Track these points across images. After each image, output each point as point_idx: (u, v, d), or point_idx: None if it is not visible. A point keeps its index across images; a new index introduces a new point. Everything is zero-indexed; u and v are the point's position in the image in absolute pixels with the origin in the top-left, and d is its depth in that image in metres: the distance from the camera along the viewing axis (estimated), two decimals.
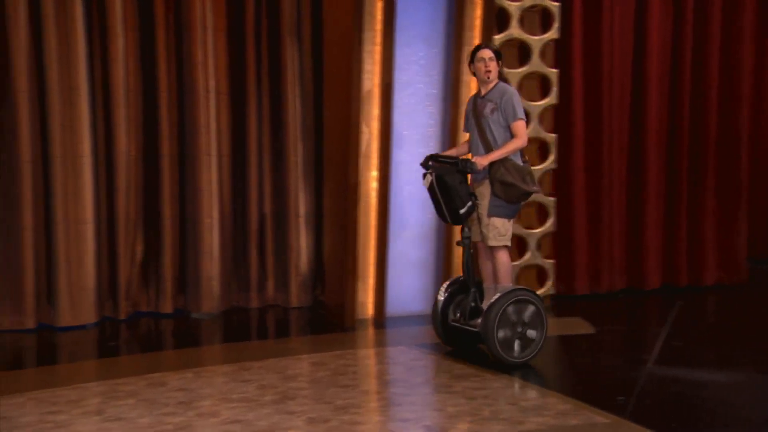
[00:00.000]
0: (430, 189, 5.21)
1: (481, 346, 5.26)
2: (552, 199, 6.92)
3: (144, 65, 6.44)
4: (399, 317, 6.38)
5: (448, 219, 5.26)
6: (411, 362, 5.37)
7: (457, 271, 6.17)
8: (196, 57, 6.39)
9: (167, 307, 6.60)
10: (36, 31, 5.97)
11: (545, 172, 6.86)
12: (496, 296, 5.03)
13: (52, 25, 5.95)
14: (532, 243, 6.86)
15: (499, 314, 4.96)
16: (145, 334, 6.30)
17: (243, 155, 6.83)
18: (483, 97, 5.26)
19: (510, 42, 6.69)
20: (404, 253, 6.42)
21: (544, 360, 5.26)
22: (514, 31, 6.65)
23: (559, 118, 7.08)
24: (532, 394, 4.63)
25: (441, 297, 5.41)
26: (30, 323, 6.10)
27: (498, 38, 6.55)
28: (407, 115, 6.36)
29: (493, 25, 6.45)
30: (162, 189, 6.55)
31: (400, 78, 6.25)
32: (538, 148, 6.88)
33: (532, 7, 6.73)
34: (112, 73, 6.22)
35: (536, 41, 6.72)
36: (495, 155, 5.08)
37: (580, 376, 5.20)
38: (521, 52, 6.81)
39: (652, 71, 7.33)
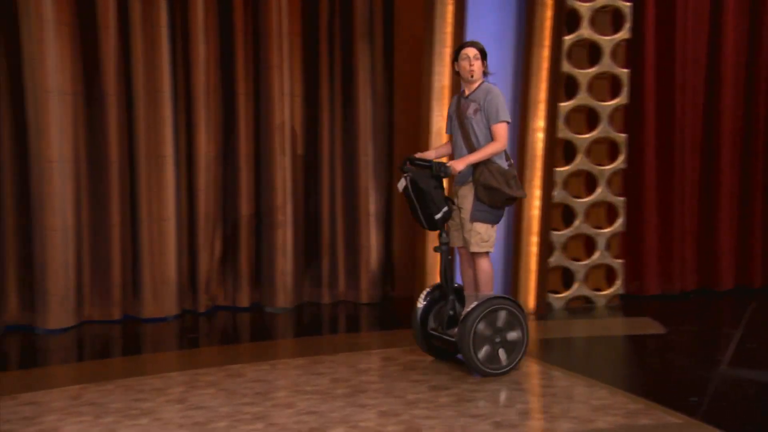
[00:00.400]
0: (405, 193, 4.90)
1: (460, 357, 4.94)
2: (621, 199, 6.78)
3: (223, 69, 6.58)
4: None
5: (424, 224, 4.94)
6: None
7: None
8: (272, 61, 6.51)
9: (244, 301, 6.74)
10: (124, 39, 6.16)
11: (615, 172, 6.73)
12: (471, 306, 4.75)
13: (138, 33, 6.14)
14: (601, 242, 6.74)
15: (475, 324, 4.69)
16: (222, 327, 6.43)
17: (315, 155, 6.91)
18: (467, 97, 4.94)
19: (580, 42, 6.58)
20: None
21: (613, 359, 5.16)
22: (585, 31, 6.54)
23: (629, 118, 6.94)
24: (602, 393, 4.56)
25: (420, 304, 5.09)
26: (117, 314, 6.30)
27: (568, 39, 6.45)
28: None
29: (564, 26, 6.37)
30: (239, 188, 6.69)
31: None
32: (607, 148, 6.76)
33: (604, 7, 6.60)
34: (194, 77, 6.37)
35: (607, 41, 6.59)
36: (471, 158, 4.78)
37: (651, 376, 5.09)
38: (592, 53, 6.69)
39: (727, 70, 7.13)
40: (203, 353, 5.66)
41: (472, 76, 4.87)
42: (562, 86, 6.53)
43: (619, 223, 6.77)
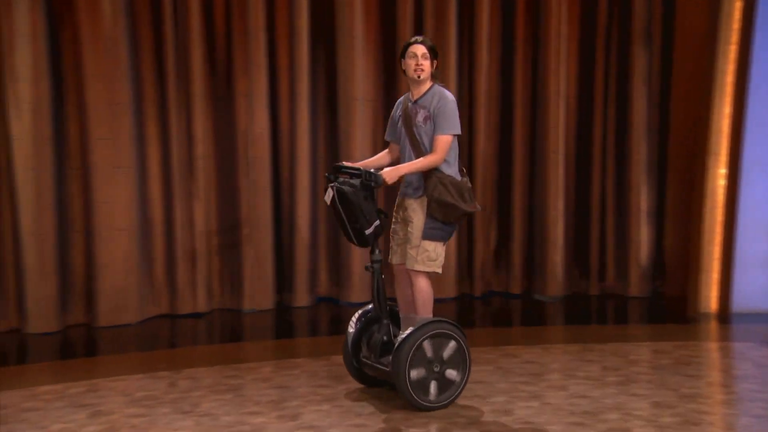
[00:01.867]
0: (332, 205, 4.02)
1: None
2: None
3: (503, 73, 6.67)
4: (745, 314, 5.85)
5: (354, 240, 4.08)
6: (761, 359, 4.88)
7: None
8: (549, 65, 6.47)
9: (515, 288, 6.79)
10: None
11: None
12: (409, 330, 3.90)
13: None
14: None
15: (412, 350, 3.86)
16: (496, 311, 6.53)
17: (587, 153, 6.77)
18: (415, 102, 4.08)
19: None
20: (752, 249, 5.86)
21: None
22: None
23: None
24: None
25: (351, 329, 4.24)
26: None
27: None
28: (760, 114, 5.77)
29: None
30: (513, 183, 6.74)
31: (755, 77, 5.71)
32: None
33: None
34: (476, 81, 6.53)
35: None
36: (403, 170, 3.97)
37: None
38: None
39: None
40: (479, 333, 5.77)
41: (419, 77, 4.02)
42: None
43: None
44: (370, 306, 4.24)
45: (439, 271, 4.10)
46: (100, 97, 5.65)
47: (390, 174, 3.92)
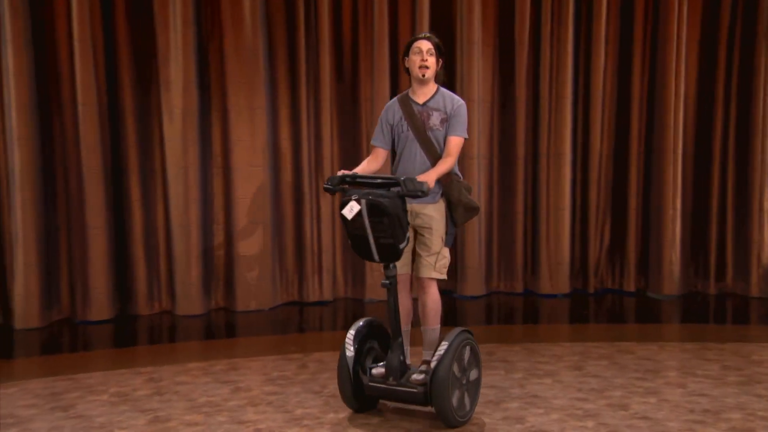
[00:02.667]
0: (355, 220, 3.45)
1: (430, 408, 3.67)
2: None
3: (620, 74, 6.50)
4: None
5: (376, 257, 3.50)
6: None
7: None
8: (669, 65, 6.25)
9: (629, 286, 6.61)
10: (534, 53, 6.39)
11: None
12: (441, 350, 3.53)
13: (547, 48, 6.32)
14: None
15: (450, 374, 3.51)
16: (609, 307, 6.37)
17: (706, 152, 6.50)
18: (424, 104, 3.73)
19: None
20: None
21: None
22: None
23: None
24: None
25: (350, 352, 3.70)
26: (519, 288, 6.63)
27: None
28: None
29: None
30: (629, 182, 6.56)
31: None
32: None
33: None
34: (593, 83, 6.40)
35: None
36: (435, 175, 3.58)
37: None
38: None
39: None
40: (593, 329, 5.68)
41: (423, 75, 3.69)
42: None
43: None
44: (362, 323, 3.80)
45: (446, 277, 3.78)
46: (240, 102, 5.96)
47: (429, 178, 3.53)
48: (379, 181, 3.49)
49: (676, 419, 3.67)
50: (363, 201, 3.41)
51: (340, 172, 3.60)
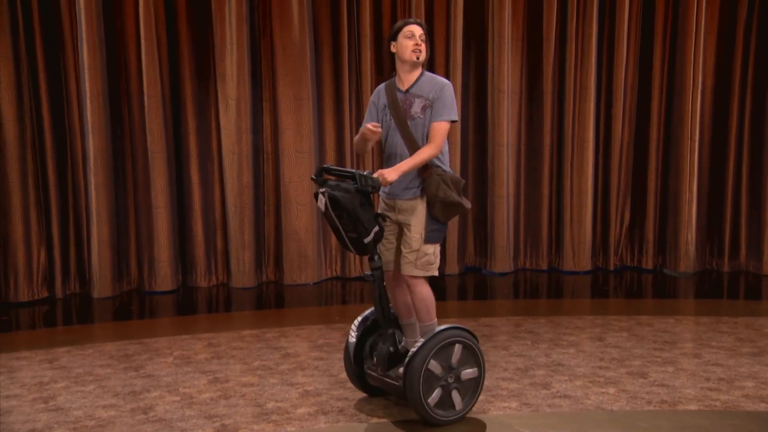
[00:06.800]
0: (326, 213, 3.21)
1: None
2: None
3: (641, 66, 6.37)
4: None
5: (351, 249, 3.29)
6: None
7: None
8: (688, 57, 6.11)
9: (648, 264, 6.53)
10: (561, 47, 6.29)
11: None
12: (416, 347, 3.19)
13: (572, 42, 6.23)
14: None
15: (424, 365, 3.14)
16: (629, 284, 6.30)
17: (723, 140, 6.36)
18: (407, 91, 3.28)
19: None
20: None
21: None
22: None
23: None
24: None
25: (352, 338, 3.48)
26: (544, 265, 6.58)
27: None
28: None
29: None
30: (648, 168, 6.45)
31: None
32: None
33: None
34: (615, 76, 6.29)
35: None
36: (404, 167, 3.15)
37: None
38: None
39: None
40: (613, 303, 5.62)
41: (417, 59, 3.25)
42: None
43: None
44: (370, 311, 3.53)
45: (437, 273, 3.33)
46: (288, 93, 5.98)
47: (390, 175, 3.12)
48: (344, 173, 3.19)
49: (692, 387, 3.64)
50: (326, 194, 3.15)
51: (331, 165, 3.36)
